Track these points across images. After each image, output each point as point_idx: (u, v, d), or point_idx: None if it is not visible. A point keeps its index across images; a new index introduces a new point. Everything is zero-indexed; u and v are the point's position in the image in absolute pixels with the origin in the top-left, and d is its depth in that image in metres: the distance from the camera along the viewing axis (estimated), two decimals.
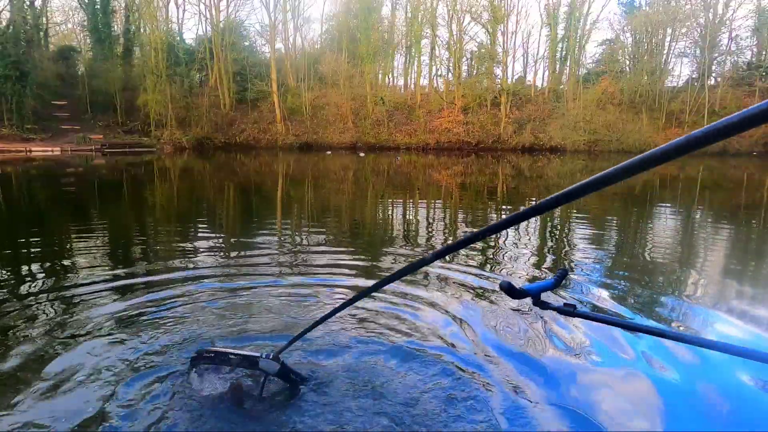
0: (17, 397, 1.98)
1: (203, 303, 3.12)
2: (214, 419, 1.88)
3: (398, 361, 2.33)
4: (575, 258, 4.66)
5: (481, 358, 2.42)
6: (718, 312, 3.13)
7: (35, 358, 2.32)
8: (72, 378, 2.13)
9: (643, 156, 0.67)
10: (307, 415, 1.90)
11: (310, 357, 2.36)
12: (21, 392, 2.01)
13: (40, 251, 4.72)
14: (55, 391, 2.03)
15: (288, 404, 1.98)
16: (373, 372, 2.22)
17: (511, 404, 1.99)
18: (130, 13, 33.88)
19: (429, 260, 1.31)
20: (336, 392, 2.06)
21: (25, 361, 2.28)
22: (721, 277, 4.08)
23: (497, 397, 2.04)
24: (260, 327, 2.74)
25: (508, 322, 2.90)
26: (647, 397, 2.08)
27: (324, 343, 2.52)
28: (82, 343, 2.48)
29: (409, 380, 2.16)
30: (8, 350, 2.39)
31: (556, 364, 2.35)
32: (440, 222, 7.17)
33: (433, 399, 2.01)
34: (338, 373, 2.19)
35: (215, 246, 5.20)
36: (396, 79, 38.69)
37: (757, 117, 0.54)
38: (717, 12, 31.58)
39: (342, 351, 2.43)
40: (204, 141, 30.79)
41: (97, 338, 2.55)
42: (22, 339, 2.54)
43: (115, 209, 8.32)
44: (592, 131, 30.33)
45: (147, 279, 3.69)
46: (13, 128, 26.80)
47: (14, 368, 2.22)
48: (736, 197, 10.70)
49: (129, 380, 2.10)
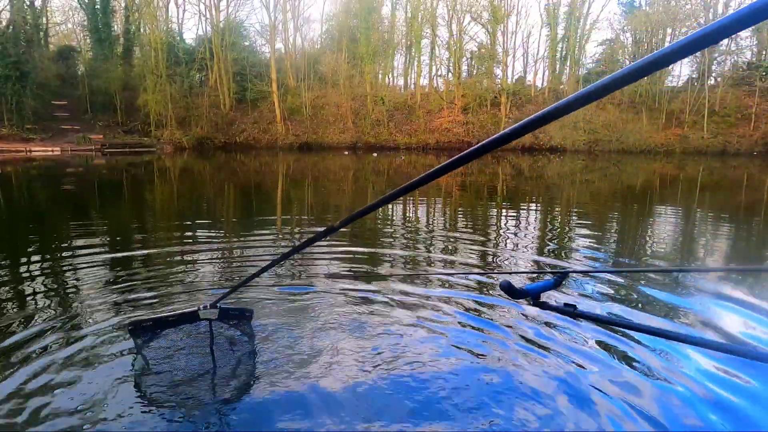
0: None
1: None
2: (186, 385, 2.02)
3: (396, 362, 2.33)
4: (575, 258, 4.65)
5: (481, 358, 2.42)
6: (718, 312, 3.13)
7: (30, 359, 2.32)
8: (64, 373, 2.13)
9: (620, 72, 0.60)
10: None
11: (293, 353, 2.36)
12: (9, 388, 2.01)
13: (40, 251, 4.72)
14: (52, 387, 2.03)
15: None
16: (368, 375, 2.22)
17: (511, 404, 1.99)
18: (130, 13, 33.89)
19: (337, 227, 1.34)
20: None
21: (23, 361, 2.28)
22: (722, 277, 4.07)
23: (496, 397, 2.04)
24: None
25: (507, 322, 2.90)
26: (647, 398, 2.08)
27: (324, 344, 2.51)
28: (81, 342, 2.48)
29: (409, 380, 2.16)
30: (6, 346, 2.39)
31: (556, 365, 2.35)
32: (440, 221, 7.16)
33: (432, 399, 2.01)
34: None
35: (215, 246, 5.20)
36: (396, 79, 38.74)
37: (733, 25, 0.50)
38: (717, 12, 31.59)
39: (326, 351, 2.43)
40: (204, 141, 30.80)
41: (97, 339, 2.55)
42: (20, 338, 2.54)
43: (115, 209, 8.32)
44: (592, 131, 30.33)
45: (147, 279, 3.68)
46: (13, 128, 26.81)
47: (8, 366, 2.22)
48: (736, 197, 10.70)
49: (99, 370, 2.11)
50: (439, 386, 2.11)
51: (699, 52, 0.55)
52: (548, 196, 10.53)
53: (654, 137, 29.61)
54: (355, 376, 2.18)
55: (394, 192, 1.04)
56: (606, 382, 2.20)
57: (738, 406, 2.04)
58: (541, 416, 1.91)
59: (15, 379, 2.11)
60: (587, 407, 1.99)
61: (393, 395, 2.03)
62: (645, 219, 7.60)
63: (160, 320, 2.11)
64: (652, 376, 2.25)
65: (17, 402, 1.95)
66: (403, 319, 2.90)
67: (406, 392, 2.05)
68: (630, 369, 2.32)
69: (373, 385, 2.11)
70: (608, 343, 2.59)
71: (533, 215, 7.82)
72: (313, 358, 2.34)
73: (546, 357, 2.43)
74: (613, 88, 0.62)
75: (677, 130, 29.87)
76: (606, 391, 2.12)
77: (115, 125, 30.95)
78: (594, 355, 2.47)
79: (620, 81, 0.61)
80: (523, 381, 2.17)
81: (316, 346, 2.48)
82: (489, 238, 5.74)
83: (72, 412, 1.87)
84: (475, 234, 5.97)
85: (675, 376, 2.26)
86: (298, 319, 2.85)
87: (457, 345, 2.55)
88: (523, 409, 1.95)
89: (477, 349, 2.51)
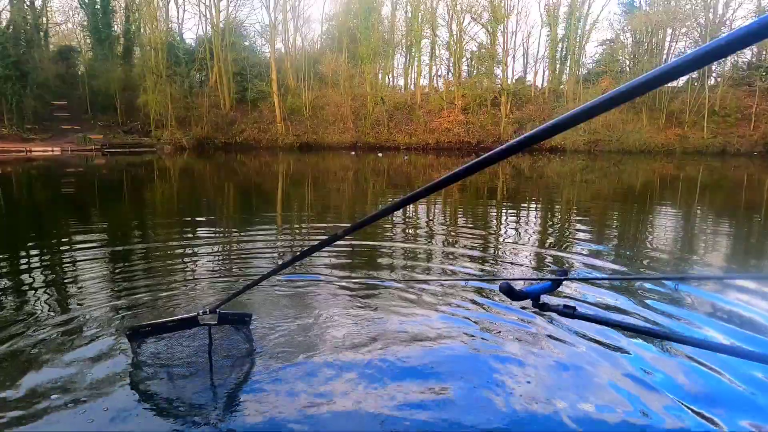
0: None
1: (202, 302, 3.12)
2: (186, 385, 2.03)
3: (397, 364, 2.33)
4: (575, 259, 4.65)
5: (480, 360, 2.42)
6: (717, 313, 3.13)
7: (28, 360, 2.32)
8: (63, 375, 2.13)
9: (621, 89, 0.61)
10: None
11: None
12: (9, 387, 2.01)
13: (40, 251, 4.72)
14: (49, 394, 2.03)
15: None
16: (368, 372, 2.22)
17: (511, 404, 1.99)
18: (130, 13, 33.89)
19: (341, 235, 1.35)
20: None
21: (21, 363, 2.29)
22: (722, 278, 4.07)
23: (496, 398, 2.04)
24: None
25: (507, 324, 2.90)
26: (647, 398, 2.08)
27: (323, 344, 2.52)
28: (79, 343, 2.48)
29: (408, 382, 2.16)
30: (6, 346, 2.39)
31: (556, 366, 2.35)
32: (440, 219, 7.16)
33: (432, 399, 2.01)
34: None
35: (215, 248, 5.20)
36: (396, 79, 38.71)
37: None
38: (717, 12, 31.60)
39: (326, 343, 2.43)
40: (204, 141, 30.79)
41: (95, 337, 2.55)
42: (20, 339, 2.54)
43: (115, 209, 8.32)
44: (592, 131, 30.31)
45: (147, 277, 3.68)
46: (13, 128, 26.82)
47: (9, 366, 2.22)
48: (736, 197, 10.70)
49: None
50: (440, 386, 2.11)
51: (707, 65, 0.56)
52: (548, 197, 10.53)
53: (654, 137, 29.59)
54: (355, 379, 2.17)
55: (403, 198, 1.04)
56: (606, 382, 2.20)
57: (738, 406, 2.04)
58: (540, 416, 1.91)
59: (14, 381, 2.11)
60: (587, 407, 1.99)
61: (394, 397, 2.03)
62: (645, 220, 7.60)
63: (159, 325, 2.10)
64: (651, 377, 2.26)
65: (17, 403, 1.95)
66: (403, 319, 2.90)
67: (407, 393, 2.05)
68: (630, 369, 2.32)
69: (373, 385, 2.11)
70: (608, 344, 2.59)
71: (533, 216, 7.82)
72: (312, 358, 2.34)
73: (546, 358, 2.43)
74: (621, 101, 0.63)
75: (677, 131, 29.86)
76: (606, 391, 2.12)
77: (115, 125, 30.95)
78: (594, 356, 2.47)
79: (628, 94, 0.61)
80: (523, 381, 2.17)
81: (314, 344, 2.48)
82: (488, 240, 5.74)
83: (68, 414, 1.87)
84: (475, 235, 5.96)
85: (675, 376, 2.26)
86: (296, 317, 2.84)
87: (458, 346, 2.55)
88: (523, 409, 1.95)
89: (477, 349, 2.51)
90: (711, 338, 2.72)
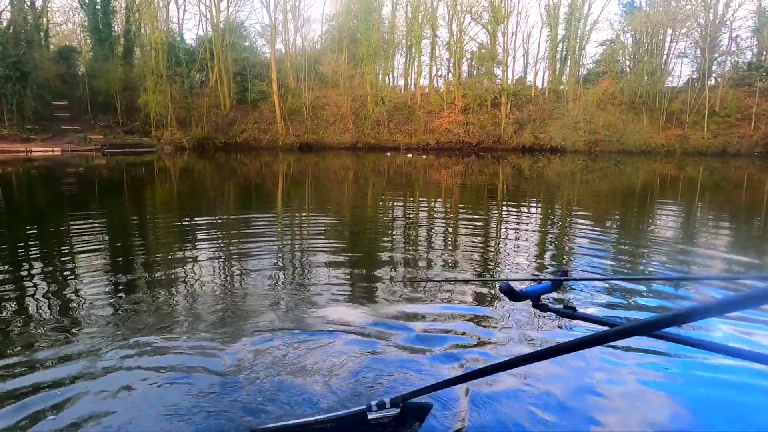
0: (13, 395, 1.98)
1: (203, 303, 3.12)
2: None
3: (395, 361, 2.33)
4: (575, 260, 4.65)
5: (481, 361, 2.42)
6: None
7: (28, 359, 2.32)
8: (67, 378, 2.13)
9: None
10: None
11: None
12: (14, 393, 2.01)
13: (40, 251, 4.72)
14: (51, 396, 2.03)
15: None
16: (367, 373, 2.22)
17: (510, 404, 1.99)
18: (130, 13, 33.88)
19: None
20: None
21: (21, 361, 2.29)
22: (722, 278, 4.07)
23: (495, 397, 2.04)
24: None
25: (508, 325, 2.90)
26: (647, 398, 2.08)
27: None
28: (78, 343, 2.49)
29: (408, 381, 2.16)
30: (7, 346, 2.39)
31: (556, 367, 2.35)
32: (440, 219, 7.17)
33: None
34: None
35: (215, 250, 5.20)
36: (396, 79, 38.70)
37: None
38: (717, 12, 31.57)
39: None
40: (204, 141, 30.79)
41: (95, 337, 2.55)
42: (19, 338, 2.54)
43: (115, 209, 8.32)
44: (593, 131, 30.29)
45: (147, 278, 3.69)
46: (13, 128, 26.81)
47: (11, 366, 2.22)
48: (736, 198, 10.69)
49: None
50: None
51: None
52: (548, 197, 10.53)
53: (654, 138, 29.58)
54: (355, 378, 2.18)
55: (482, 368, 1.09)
56: (605, 382, 2.20)
57: (738, 407, 2.04)
58: (540, 416, 1.91)
59: (14, 383, 2.11)
60: (587, 408, 1.99)
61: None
62: (645, 220, 7.59)
63: (296, 429, 1.42)
64: (651, 377, 2.26)
65: (16, 405, 1.95)
66: (403, 319, 2.90)
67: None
68: (629, 370, 2.32)
69: (373, 385, 2.11)
70: (608, 346, 2.59)
71: (533, 216, 7.82)
72: (312, 358, 2.34)
73: (545, 359, 2.43)
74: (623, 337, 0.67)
75: (677, 131, 29.84)
76: (606, 391, 2.12)
77: (116, 125, 30.93)
78: (593, 356, 2.47)
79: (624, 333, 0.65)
80: (522, 382, 2.17)
81: (315, 351, 2.49)
82: (488, 241, 5.74)
83: (68, 413, 1.88)
84: (475, 235, 5.97)
85: (674, 376, 2.26)
86: (296, 319, 2.85)
87: (458, 346, 2.55)
88: (523, 409, 1.95)
89: (477, 350, 2.51)
90: (711, 339, 2.72)
